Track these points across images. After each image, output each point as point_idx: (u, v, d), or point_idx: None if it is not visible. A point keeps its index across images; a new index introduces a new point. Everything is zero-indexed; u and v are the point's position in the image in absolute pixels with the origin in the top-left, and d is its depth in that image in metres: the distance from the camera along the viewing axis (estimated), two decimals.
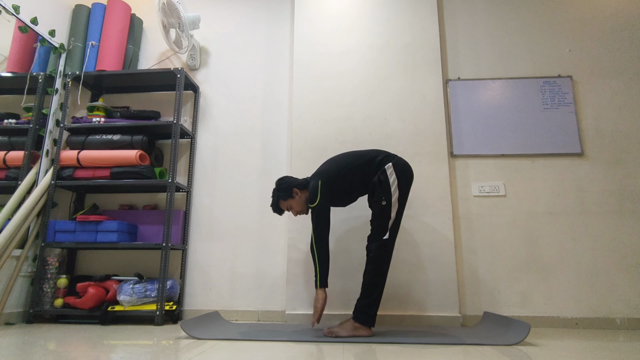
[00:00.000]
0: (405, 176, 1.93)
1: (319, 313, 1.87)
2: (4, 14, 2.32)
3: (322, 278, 1.88)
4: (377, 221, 1.89)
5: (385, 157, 1.97)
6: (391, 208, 1.86)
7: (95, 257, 2.61)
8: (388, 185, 1.87)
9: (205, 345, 1.60)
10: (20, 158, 2.42)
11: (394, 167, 1.91)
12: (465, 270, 2.43)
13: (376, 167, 1.95)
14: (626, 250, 2.38)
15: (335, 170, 1.98)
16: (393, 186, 1.87)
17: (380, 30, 2.75)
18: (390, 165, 1.91)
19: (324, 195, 1.93)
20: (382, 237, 1.85)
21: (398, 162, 1.94)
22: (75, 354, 1.46)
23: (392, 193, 1.86)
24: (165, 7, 2.66)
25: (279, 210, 2.08)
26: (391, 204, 1.86)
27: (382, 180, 1.89)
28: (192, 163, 2.71)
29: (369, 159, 1.98)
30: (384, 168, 1.91)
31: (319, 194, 1.92)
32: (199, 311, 2.46)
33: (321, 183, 1.94)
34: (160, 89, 2.86)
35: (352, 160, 2.01)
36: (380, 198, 1.87)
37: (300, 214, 2.10)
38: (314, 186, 1.94)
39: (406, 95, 2.63)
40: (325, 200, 1.93)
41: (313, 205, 1.92)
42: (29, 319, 2.26)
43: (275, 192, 2.06)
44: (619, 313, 2.29)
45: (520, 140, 2.58)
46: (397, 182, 1.88)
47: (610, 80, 2.64)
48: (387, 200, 1.86)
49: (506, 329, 1.90)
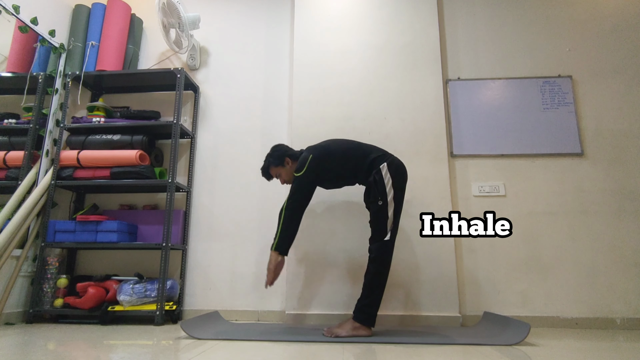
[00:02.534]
0: (399, 175, 1.95)
1: (271, 275, 1.89)
2: (4, 14, 2.32)
3: (280, 242, 1.90)
4: (376, 222, 1.90)
5: (380, 156, 1.98)
6: (387, 207, 1.87)
7: (95, 257, 2.61)
8: (383, 185, 1.89)
9: (205, 345, 1.60)
10: (20, 158, 2.42)
11: (389, 167, 1.92)
12: (465, 270, 2.43)
13: (369, 165, 1.96)
14: (626, 250, 2.38)
15: (330, 151, 2.01)
16: (388, 186, 1.89)
17: (380, 30, 2.75)
18: (385, 165, 1.92)
19: (311, 169, 1.95)
20: (383, 238, 1.86)
21: (392, 162, 1.95)
22: (75, 354, 1.46)
23: (388, 192, 1.88)
24: (165, 7, 2.66)
25: (267, 175, 2.15)
26: (387, 203, 1.87)
27: (377, 180, 1.90)
28: (192, 163, 2.71)
29: (364, 153, 2.00)
30: (379, 168, 1.92)
31: (306, 166, 1.94)
32: (199, 311, 2.46)
33: (311, 157, 1.96)
34: (160, 89, 2.86)
35: (349, 148, 2.04)
36: (376, 198, 1.89)
37: (287, 184, 2.14)
38: (304, 157, 1.97)
39: (406, 95, 2.63)
40: (310, 174, 1.95)
41: (297, 175, 1.95)
42: (29, 319, 2.26)
43: (267, 157, 2.13)
44: (618, 313, 2.29)
45: (520, 140, 2.58)
46: (392, 181, 1.90)
47: (610, 80, 2.64)
48: (384, 200, 1.87)
49: (506, 329, 1.90)
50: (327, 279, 2.37)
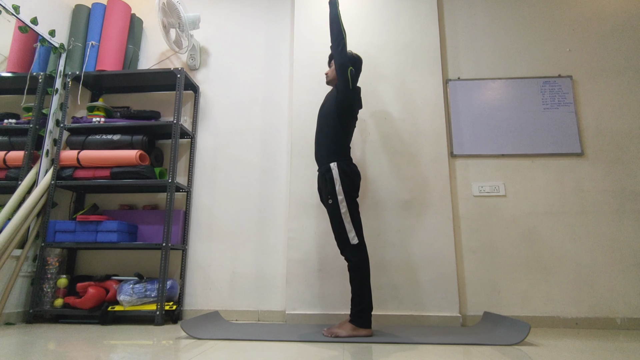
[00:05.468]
0: (350, 177, 1.95)
1: None
2: (4, 14, 2.32)
3: (337, 14, 2.02)
4: (333, 220, 1.92)
5: (333, 152, 1.98)
6: (339, 206, 1.88)
7: (95, 257, 2.61)
8: (333, 185, 1.90)
9: (205, 345, 1.60)
10: (20, 158, 2.42)
11: (339, 168, 1.93)
12: (465, 270, 2.43)
13: (325, 155, 2.00)
14: (626, 250, 2.38)
15: (348, 109, 2.05)
16: (337, 186, 1.89)
17: (380, 30, 2.75)
18: (335, 164, 1.93)
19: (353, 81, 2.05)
20: (351, 242, 1.87)
21: (341, 164, 1.95)
22: (75, 354, 1.46)
23: (338, 193, 1.89)
24: (165, 7, 2.66)
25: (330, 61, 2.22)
26: (338, 202, 1.89)
27: (327, 179, 1.93)
28: (192, 163, 2.71)
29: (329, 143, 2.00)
30: (329, 166, 1.94)
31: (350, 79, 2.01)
32: (199, 311, 2.46)
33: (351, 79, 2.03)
34: (160, 89, 2.86)
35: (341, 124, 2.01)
36: (326, 197, 1.93)
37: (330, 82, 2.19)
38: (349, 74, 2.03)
39: (406, 95, 2.63)
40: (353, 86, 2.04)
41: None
42: (29, 319, 2.26)
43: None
44: (619, 313, 2.29)
45: (520, 140, 2.58)
46: (341, 182, 1.90)
47: (610, 80, 2.64)
48: (333, 199, 1.90)
49: (506, 329, 1.90)
50: (327, 279, 2.37)
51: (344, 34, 2.00)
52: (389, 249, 2.40)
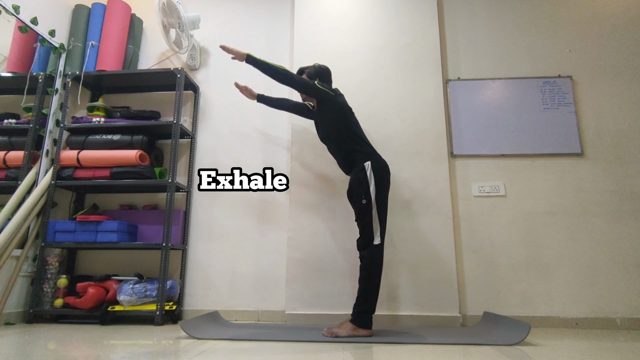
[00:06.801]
0: (383, 175, 1.97)
1: (232, 49, 2.08)
2: (4, 14, 2.32)
3: (263, 62, 2.07)
4: (361, 220, 1.92)
5: (364, 153, 2.01)
6: (372, 207, 1.89)
7: (95, 257, 2.61)
8: (367, 184, 1.91)
9: (205, 345, 1.60)
10: (20, 158, 2.42)
11: (372, 166, 1.94)
12: (465, 270, 2.43)
13: (352, 160, 2.03)
14: (626, 250, 2.38)
15: (345, 111, 2.10)
16: (371, 185, 1.90)
17: (380, 30, 2.75)
18: (369, 163, 1.95)
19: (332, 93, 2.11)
20: (373, 242, 1.87)
21: (377, 161, 1.97)
22: (75, 354, 1.46)
23: (371, 192, 1.90)
24: (165, 7, 2.66)
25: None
26: (371, 203, 1.89)
27: (360, 179, 1.93)
28: (192, 163, 2.71)
29: (349, 149, 2.04)
30: (363, 166, 1.95)
31: (325, 89, 2.09)
32: (199, 311, 2.46)
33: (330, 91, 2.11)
34: (160, 89, 2.86)
35: (349, 127, 2.06)
36: (360, 197, 1.92)
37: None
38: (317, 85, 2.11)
39: (406, 95, 2.63)
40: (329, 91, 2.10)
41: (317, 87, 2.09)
42: (29, 319, 2.26)
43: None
44: (619, 313, 2.29)
45: (520, 140, 2.58)
46: (375, 181, 1.91)
47: (610, 80, 2.64)
48: (367, 199, 1.89)
49: (506, 329, 1.90)
50: (327, 279, 2.37)
51: (281, 69, 2.07)
52: (389, 249, 2.40)
